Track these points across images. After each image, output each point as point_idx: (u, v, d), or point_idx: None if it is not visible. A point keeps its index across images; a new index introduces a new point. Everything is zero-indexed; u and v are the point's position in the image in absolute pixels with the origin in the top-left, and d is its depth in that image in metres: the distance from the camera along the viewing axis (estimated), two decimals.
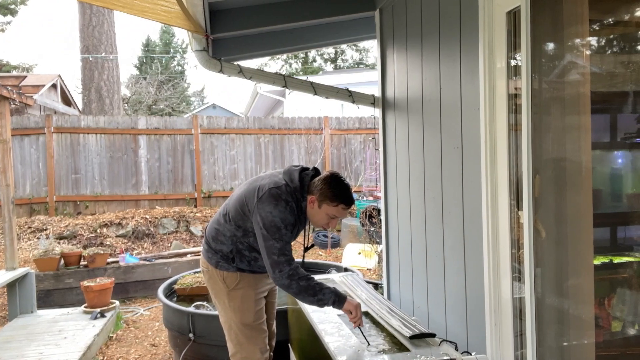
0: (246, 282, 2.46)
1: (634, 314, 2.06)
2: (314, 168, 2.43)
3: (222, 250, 2.44)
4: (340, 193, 2.26)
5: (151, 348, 4.38)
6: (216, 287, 2.49)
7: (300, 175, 2.34)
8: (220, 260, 2.45)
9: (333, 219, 2.32)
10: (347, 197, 2.28)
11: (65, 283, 5.65)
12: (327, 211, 2.28)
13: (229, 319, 2.48)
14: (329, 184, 2.27)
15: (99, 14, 12.11)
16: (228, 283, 2.44)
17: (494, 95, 2.00)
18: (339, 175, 2.32)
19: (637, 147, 2.07)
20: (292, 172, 2.36)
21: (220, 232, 2.45)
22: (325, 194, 2.26)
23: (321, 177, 2.33)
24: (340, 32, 3.87)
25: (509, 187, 1.93)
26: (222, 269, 2.45)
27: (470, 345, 2.24)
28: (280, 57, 25.80)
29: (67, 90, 15.72)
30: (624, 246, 2.14)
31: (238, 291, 2.44)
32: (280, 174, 2.39)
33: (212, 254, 2.47)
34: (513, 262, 1.94)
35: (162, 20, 2.77)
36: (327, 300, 2.18)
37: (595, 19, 1.89)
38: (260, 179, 2.41)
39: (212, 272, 2.48)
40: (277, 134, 9.27)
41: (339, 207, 2.27)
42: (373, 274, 6.10)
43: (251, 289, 2.47)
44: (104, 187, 8.52)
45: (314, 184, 2.31)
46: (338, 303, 2.19)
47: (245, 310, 2.45)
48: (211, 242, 2.49)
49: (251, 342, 2.46)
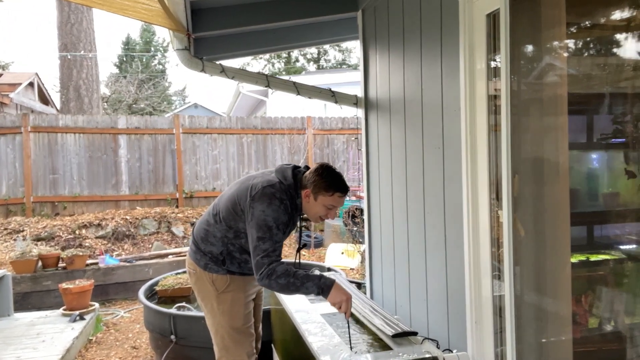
0: (236, 284, 2.41)
1: (610, 310, 2.11)
2: (305, 166, 2.40)
3: (212, 251, 2.38)
4: (334, 181, 2.25)
5: (132, 350, 4.32)
6: (204, 290, 2.42)
7: (293, 172, 2.31)
8: (210, 262, 2.39)
9: (331, 209, 2.29)
10: (342, 184, 2.26)
11: (43, 285, 5.54)
12: (324, 202, 2.26)
13: (216, 323, 2.41)
14: (321, 175, 2.25)
15: (77, 12, 11.89)
16: (217, 286, 2.38)
17: (474, 96, 2.03)
18: (330, 165, 2.30)
19: (613, 148, 2.12)
20: (284, 169, 2.33)
21: (210, 232, 2.38)
22: (319, 185, 2.24)
23: (311, 169, 2.30)
24: (323, 33, 3.87)
25: (489, 186, 1.96)
26: (211, 271, 2.38)
27: (452, 342, 2.26)
28: (262, 57, 25.69)
29: (44, 88, 15.41)
30: (600, 244, 2.20)
31: (228, 294, 2.39)
32: (273, 172, 2.35)
33: (201, 256, 2.41)
34: (493, 261, 1.97)
35: (142, 18, 2.74)
36: (311, 292, 2.15)
37: (573, 21, 1.93)
38: (252, 177, 2.36)
39: (200, 274, 2.41)
40: (260, 134, 9.23)
41: (335, 196, 2.25)
42: (356, 273, 6.12)
43: (241, 291, 2.42)
44: (83, 187, 8.37)
45: (305, 178, 2.29)
46: (323, 293, 2.13)
47: (235, 313, 2.40)
48: (200, 243, 2.42)
49: (238, 346, 2.41)
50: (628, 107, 1.96)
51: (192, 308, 3.81)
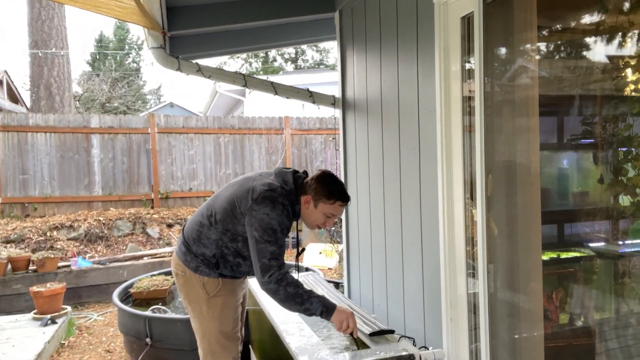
0: (227, 288, 2.34)
1: (580, 306, 2.17)
2: (304, 171, 2.34)
3: (205, 254, 2.29)
4: (336, 190, 2.21)
5: (106, 354, 4.24)
6: (193, 293, 2.34)
7: (294, 177, 2.25)
8: (201, 264, 2.30)
9: (330, 217, 2.24)
10: (343, 194, 2.23)
11: (13, 289, 5.38)
12: (324, 210, 2.21)
13: (204, 327, 2.34)
14: (324, 182, 2.20)
15: (48, 8, 11.58)
16: (208, 289, 2.30)
17: (449, 97, 2.06)
18: (332, 173, 2.26)
19: (582, 148, 2.19)
20: (285, 174, 2.26)
21: (204, 234, 2.29)
22: (320, 193, 2.19)
23: (314, 176, 2.25)
24: (301, 33, 3.87)
25: (464, 186, 2.00)
26: (202, 274, 2.30)
27: (428, 340, 2.30)
28: (240, 56, 25.50)
29: (14, 86, 14.95)
30: (570, 242, 2.26)
31: (219, 298, 2.32)
32: (272, 175, 2.28)
33: (192, 257, 2.31)
34: (468, 259, 2.00)
35: (116, 16, 2.69)
36: (314, 310, 2.07)
37: (544, 25, 1.99)
38: (251, 179, 2.28)
39: (189, 276, 2.32)
40: (237, 134, 9.17)
41: (336, 205, 2.21)
42: (334, 273, 6.14)
43: (232, 296, 2.37)
44: (54, 188, 8.16)
45: (306, 184, 2.23)
46: (326, 313, 2.07)
47: (225, 318, 2.34)
48: (192, 245, 2.33)
49: (225, 351, 2.35)
50: (597, 108, 2.03)
51: (168, 310, 3.76)
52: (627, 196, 1.85)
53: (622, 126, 1.89)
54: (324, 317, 2.09)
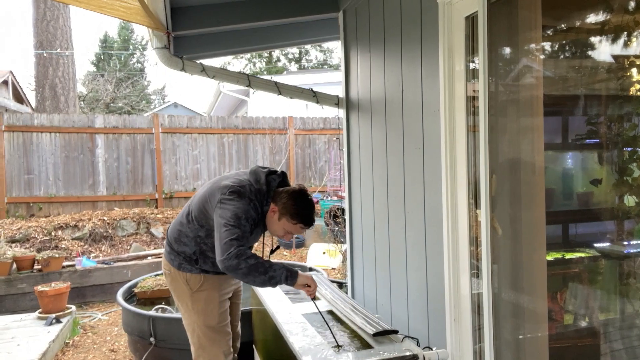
0: (210, 283, 2.42)
1: (584, 307, 2.16)
2: (281, 172, 2.39)
3: (185, 251, 2.40)
4: (303, 213, 2.26)
5: (110, 354, 4.25)
6: (179, 289, 2.44)
7: (267, 179, 2.30)
8: (183, 262, 2.40)
9: (288, 233, 2.33)
10: (308, 218, 2.28)
11: (18, 288, 5.41)
12: (285, 225, 2.29)
13: (192, 322, 2.43)
14: (295, 200, 2.25)
15: (53, 8, 11.63)
16: (191, 285, 2.40)
17: (453, 97, 2.06)
18: (306, 193, 2.30)
19: (587, 148, 2.18)
20: (258, 172, 2.33)
21: (183, 233, 2.40)
22: (287, 209, 2.25)
23: (288, 190, 2.29)
24: (305, 33, 3.88)
25: (468, 186, 1.99)
26: (185, 270, 2.40)
27: (432, 340, 2.29)
28: (244, 56, 25.52)
29: (19, 87, 15.04)
30: (575, 242, 2.25)
31: (202, 293, 2.40)
32: (246, 174, 2.36)
33: (175, 256, 2.43)
34: (471, 259, 2.00)
35: (120, 16, 2.70)
36: (279, 277, 2.12)
37: (548, 25, 1.98)
38: (225, 178, 2.37)
39: (174, 274, 2.43)
40: (241, 134, 9.18)
41: (297, 226, 2.28)
42: (337, 273, 6.14)
43: (215, 290, 2.44)
44: (59, 188, 8.20)
45: (279, 194, 2.29)
46: (291, 278, 2.15)
47: (209, 312, 2.41)
48: (173, 244, 2.44)
49: (215, 345, 2.42)
50: (602, 108, 2.02)
51: (172, 310, 3.77)
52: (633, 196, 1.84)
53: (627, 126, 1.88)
54: (288, 282, 2.16)
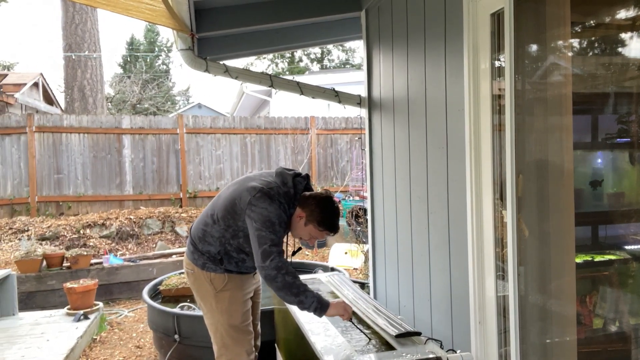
0: (234, 283, 2.44)
1: (614, 311, 2.09)
2: (305, 175, 2.42)
3: (210, 251, 2.41)
4: (330, 222, 2.31)
5: (136, 350, 4.33)
6: (202, 289, 2.46)
7: (294, 181, 2.33)
8: (207, 261, 2.42)
9: (313, 238, 2.37)
10: (334, 226, 2.33)
11: (48, 285, 5.56)
12: (311, 231, 2.33)
13: (215, 321, 2.45)
14: (322, 208, 2.29)
15: (82, 12, 11.93)
16: (215, 285, 2.41)
17: (478, 96, 2.02)
18: (332, 200, 2.35)
19: (617, 148, 2.11)
20: (285, 175, 2.35)
21: (208, 232, 2.41)
22: (314, 217, 2.29)
23: (316, 196, 2.32)
24: (327, 32, 3.87)
25: (493, 186, 1.95)
26: (209, 270, 2.42)
27: (455, 343, 2.26)
28: (266, 57, 25.69)
29: (49, 89, 15.46)
30: (604, 244, 2.18)
31: (226, 292, 2.42)
32: (272, 176, 2.37)
33: (199, 255, 2.44)
34: (497, 261, 1.96)
35: (146, 18, 2.74)
36: (307, 305, 2.14)
37: (577, 21, 1.93)
38: (250, 179, 2.38)
39: (198, 273, 2.45)
40: (264, 134, 9.24)
41: (323, 232, 2.33)
42: (359, 273, 6.12)
43: (239, 290, 2.46)
44: (87, 187, 8.40)
45: (306, 200, 2.32)
46: (320, 310, 2.15)
47: (233, 311, 2.43)
48: (198, 243, 2.46)
49: (237, 344, 2.44)
50: (633, 106, 1.95)
51: (196, 307, 3.81)
52: None
53: None
54: (317, 313, 2.16)
